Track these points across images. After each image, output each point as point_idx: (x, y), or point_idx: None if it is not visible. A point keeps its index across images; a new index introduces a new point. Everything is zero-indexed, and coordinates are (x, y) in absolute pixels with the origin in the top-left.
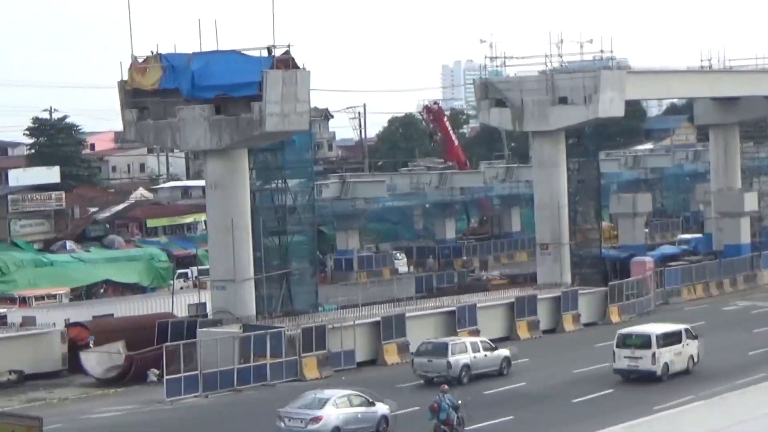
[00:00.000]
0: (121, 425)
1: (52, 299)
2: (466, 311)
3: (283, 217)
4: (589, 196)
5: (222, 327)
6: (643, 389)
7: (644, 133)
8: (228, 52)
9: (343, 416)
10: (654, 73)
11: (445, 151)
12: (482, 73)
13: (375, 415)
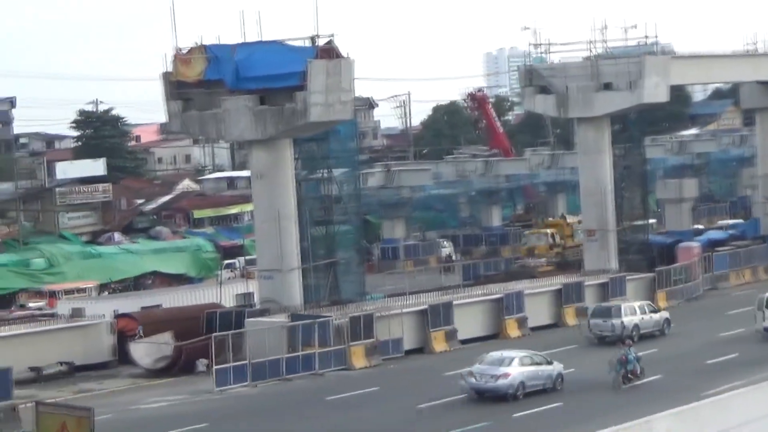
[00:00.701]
0: (170, 416)
1: (82, 293)
2: (513, 298)
3: (329, 206)
4: (635, 182)
5: (269, 317)
6: (691, 375)
7: (689, 118)
8: (271, 43)
9: (526, 373)
10: (698, 58)
11: (490, 138)
12: (526, 59)
13: (552, 373)
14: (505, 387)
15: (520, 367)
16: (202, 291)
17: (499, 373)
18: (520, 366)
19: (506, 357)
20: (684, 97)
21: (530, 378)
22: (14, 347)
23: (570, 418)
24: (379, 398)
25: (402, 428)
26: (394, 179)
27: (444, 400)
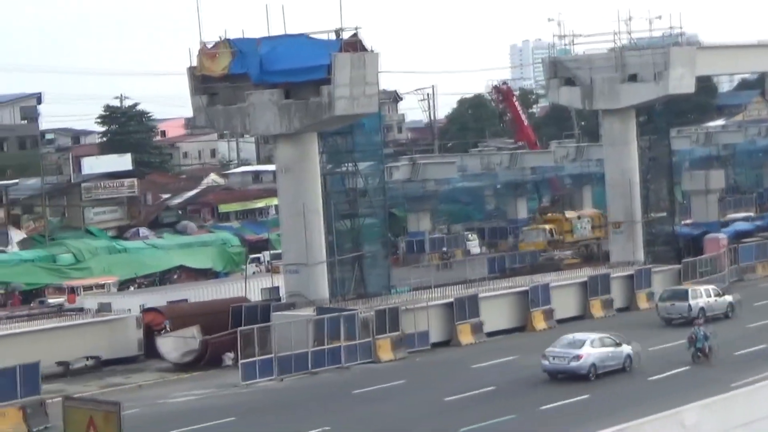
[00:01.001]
0: (197, 409)
1: (101, 288)
2: (539, 291)
3: (355, 200)
4: (661, 174)
5: (295, 310)
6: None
7: (716, 109)
8: (296, 36)
9: (597, 354)
10: (725, 48)
11: (515, 131)
12: (551, 51)
13: (621, 354)
14: (578, 368)
15: (592, 349)
16: (228, 285)
17: (572, 354)
18: (592, 348)
19: (579, 339)
20: (710, 87)
21: (602, 359)
22: (42, 342)
23: (598, 409)
24: (406, 391)
25: (428, 421)
26: (419, 172)
27: (471, 393)
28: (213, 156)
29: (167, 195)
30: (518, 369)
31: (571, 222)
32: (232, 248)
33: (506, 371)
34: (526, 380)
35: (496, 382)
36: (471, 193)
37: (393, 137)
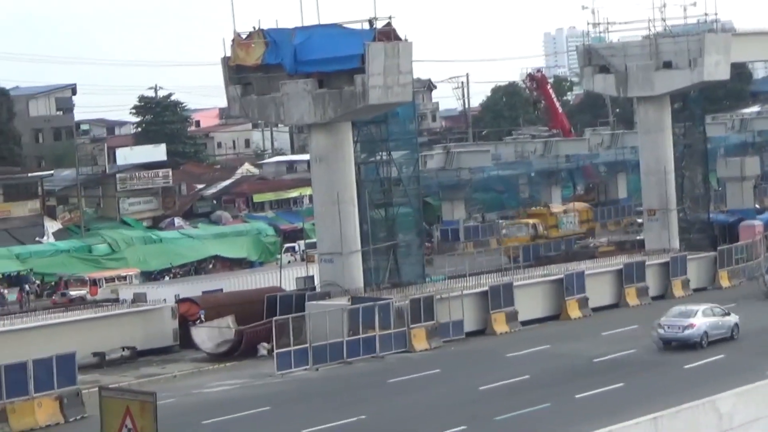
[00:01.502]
0: (233, 399)
1: (123, 280)
2: (574, 279)
3: (389, 189)
4: (696, 161)
5: (330, 300)
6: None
7: (751, 96)
8: (329, 26)
9: (708, 323)
10: (760, 35)
11: (550, 118)
12: (585, 39)
13: (729, 323)
14: (691, 336)
15: (703, 318)
16: (262, 275)
17: (685, 323)
18: (704, 317)
19: (691, 309)
20: (745, 74)
21: (712, 328)
22: (78, 333)
23: (632, 398)
24: (441, 380)
25: (463, 410)
26: (453, 161)
27: (505, 382)
28: (247, 146)
29: (201, 185)
30: (553, 358)
31: (556, 216)
32: (266, 238)
33: (541, 360)
34: (560, 369)
35: (530, 371)
36: (505, 181)
37: (427, 126)
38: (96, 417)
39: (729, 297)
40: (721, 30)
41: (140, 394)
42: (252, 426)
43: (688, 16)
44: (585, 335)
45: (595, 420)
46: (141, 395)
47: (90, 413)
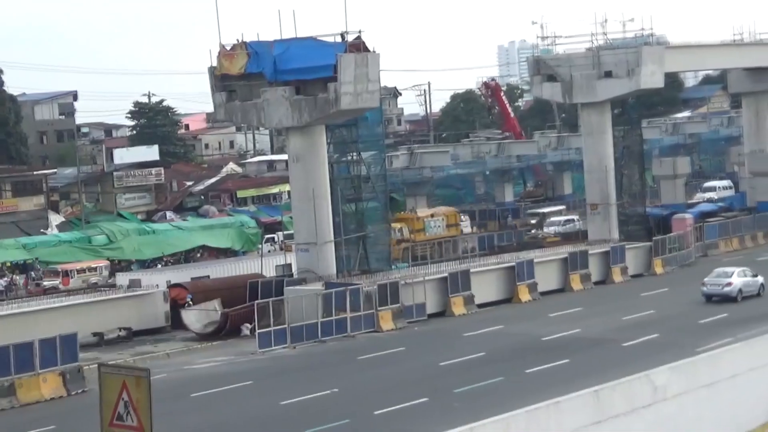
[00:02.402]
0: (219, 374)
1: (93, 272)
2: (524, 266)
3: (359, 185)
4: (634, 160)
5: (306, 285)
6: (685, 333)
7: (682, 102)
8: (305, 39)
9: (742, 282)
10: (690, 48)
11: (503, 122)
12: (534, 51)
13: (757, 283)
14: (729, 292)
15: (738, 278)
16: (245, 263)
17: (724, 282)
18: (738, 277)
19: (728, 271)
20: (677, 82)
21: (746, 286)
22: (79, 315)
23: (577, 373)
24: (405, 357)
25: (426, 383)
26: (416, 160)
27: (463, 359)
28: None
29: (190, 182)
30: (506, 337)
31: (423, 221)
32: (249, 229)
33: (495, 339)
34: (513, 347)
35: (485, 348)
36: (463, 179)
37: (393, 129)
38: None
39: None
40: (656, 43)
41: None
42: (236, 398)
43: (626, 30)
44: (534, 316)
45: (543, 392)
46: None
47: (90, 387)
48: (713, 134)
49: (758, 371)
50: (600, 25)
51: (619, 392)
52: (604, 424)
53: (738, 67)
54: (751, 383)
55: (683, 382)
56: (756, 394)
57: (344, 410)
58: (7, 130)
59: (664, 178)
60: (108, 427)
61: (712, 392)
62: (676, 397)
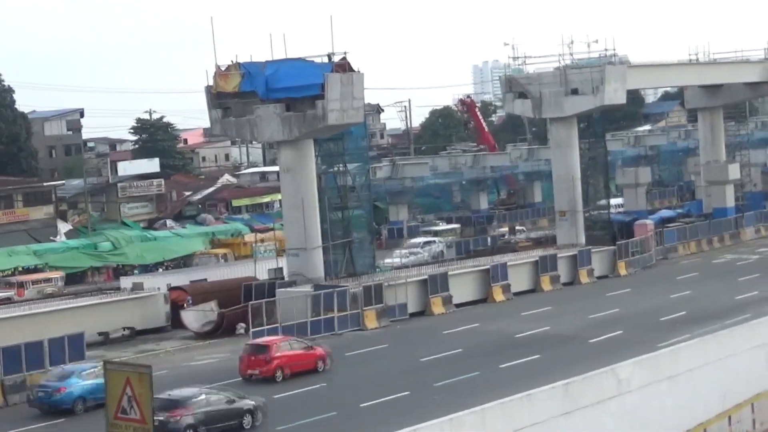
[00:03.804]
0: (216, 370)
1: (48, 282)
2: (498, 269)
3: (345, 195)
4: (599, 171)
5: (296, 287)
6: (647, 330)
7: (643, 117)
8: (295, 60)
9: None
10: (650, 66)
11: (478, 136)
12: (506, 70)
13: None
14: None
15: None
16: (240, 267)
17: None
18: None
19: None
20: (638, 99)
21: None
22: (85, 315)
23: (548, 367)
24: (389, 353)
25: (408, 377)
26: (398, 171)
27: (442, 354)
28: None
29: (189, 192)
30: (481, 334)
31: (250, 246)
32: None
33: (472, 336)
34: (488, 343)
35: (463, 345)
36: (441, 188)
37: (376, 142)
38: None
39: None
40: (619, 62)
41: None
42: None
43: (591, 51)
44: (508, 315)
45: (517, 385)
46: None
47: None
48: (672, 146)
49: (712, 365)
50: (567, 46)
51: (586, 385)
52: (573, 415)
53: (694, 84)
54: (707, 376)
55: (646, 375)
56: (711, 387)
57: (332, 403)
58: (18, 145)
59: (627, 187)
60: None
61: (673, 384)
62: (639, 389)
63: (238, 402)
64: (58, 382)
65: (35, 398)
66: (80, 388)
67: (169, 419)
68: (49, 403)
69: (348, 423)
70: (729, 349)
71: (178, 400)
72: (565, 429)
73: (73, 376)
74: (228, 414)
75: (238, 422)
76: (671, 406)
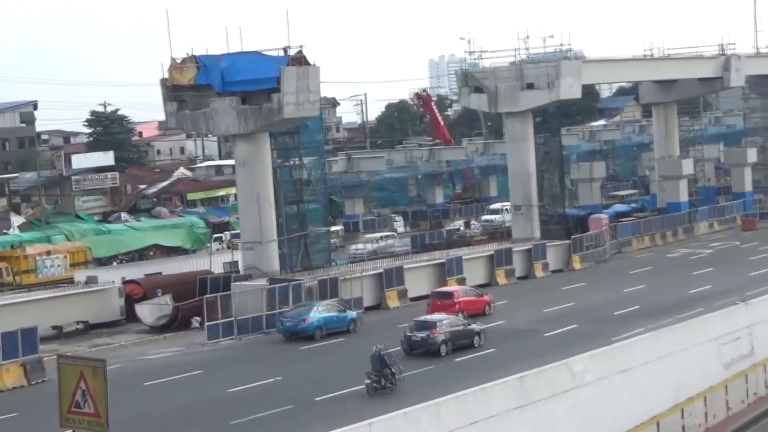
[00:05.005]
0: (170, 364)
1: None
2: (453, 262)
3: (300, 188)
4: (554, 165)
5: (252, 281)
6: (602, 324)
7: (598, 112)
8: (251, 53)
9: None
10: (605, 62)
11: (433, 130)
12: (462, 65)
13: None
14: None
15: None
16: (195, 260)
17: None
18: None
19: None
20: (593, 93)
21: None
22: (39, 309)
23: (503, 361)
24: (345, 347)
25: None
26: (354, 165)
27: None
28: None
29: (144, 186)
30: None
31: (33, 259)
32: (198, 229)
33: None
34: None
35: None
36: (397, 182)
37: (332, 136)
38: (55, 380)
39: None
40: (574, 58)
41: (92, 361)
42: (187, 387)
43: (547, 46)
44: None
45: (472, 379)
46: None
47: (50, 377)
48: (626, 141)
49: (665, 359)
50: (523, 41)
51: (541, 379)
52: (527, 408)
53: (649, 79)
54: (660, 370)
55: (600, 369)
56: (664, 380)
57: (287, 397)
58: None
59: (582, 181)
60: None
61: (627, 378)
62: (593, 382)
63: (470, 325)
64: (303, 314)
65: (283, 327)
66: (318, 319)
67: (428, 336)
68: (295, 331)
69: (303, 417)
70: (682, 343)
71: (433, 321)
72: (520, 422)
73: (312, 310)
74: (464, 334)
75: (470, 341)
76: (625, 399)
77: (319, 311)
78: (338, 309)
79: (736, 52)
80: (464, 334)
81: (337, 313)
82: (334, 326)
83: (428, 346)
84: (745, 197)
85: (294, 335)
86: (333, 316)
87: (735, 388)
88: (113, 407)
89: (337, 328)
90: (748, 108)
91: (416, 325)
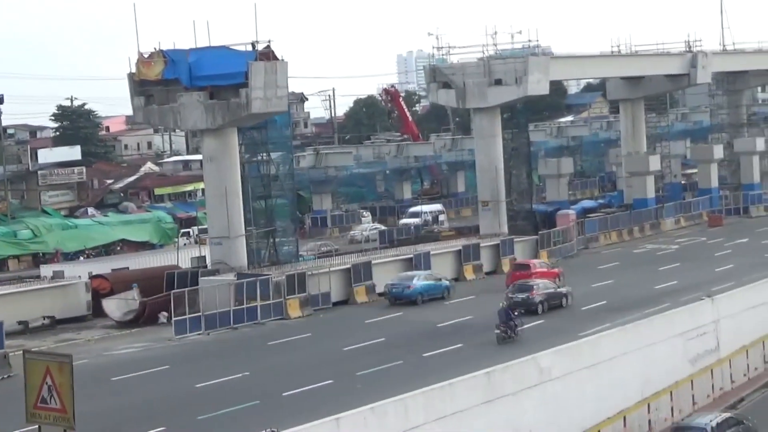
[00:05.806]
0: (137, 359)
1: None
2: (422, 258)
3: (268, 184)
4: (521, 161)
5: (219, 276)
6: (568, 319)
7: (565, 108)
8: (219, 48)
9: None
10: (573, 58)
11: (401, 126)
12: (430, 60)
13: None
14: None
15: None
16: (162, 255)
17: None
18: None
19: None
20: (561, 90)
21: None
22: (5, 304)
23: (470, 356)
24: (312, 342)
25: (331, 367)
26: (322, 161)
27: (365, 344)
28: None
29: (111, 180)
30: (405, 323)
31: None
32: (166, 224)
33: (395, 325)
34: (411, 332)
35: (386, 334)
36: (365, 177)
37: (300, 131)
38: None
39: None
40: (542, 54)
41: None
42: (154, 382)
43: (515, 42)
44: (431, 304)
45: (440, 373)
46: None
47: (15, 372)
48: (594, 137)
49: (632, 354)
50: (491, 36)
51: (508, 374)
52: (494, 403)
53: (616, 76)
54: (627, 365)
55: (567, 364)
56: (631, 375)
57: (255, 392)
58: None
59: (550, 177)
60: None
61: (593, 373)
62: (560, 377)
63: (560, 288)
64: (407, 281)
65: (390, 293)
66: (420, 287)
67: (528, 296)
68: (401, 296)
69: (270, 412)
70: (649, 338)
71: (531, 284)
72: (487, 417)
73: (415, 278)
74: (556, 295)
75: (559, 302)
76: (592, 394)
77: (420, 280)
78: (435, 278)
79: (703, 49)
80: (556, 296)
81: (435, 282)
82: (433, 293)
83: (528, 305)
84: (711, 193)
85: (399, 300)
86: (432, 284)
87: (701, 382)
88: (80, 402)
89: (434, 295)
90: (714, 105)
91: (518, 287)
